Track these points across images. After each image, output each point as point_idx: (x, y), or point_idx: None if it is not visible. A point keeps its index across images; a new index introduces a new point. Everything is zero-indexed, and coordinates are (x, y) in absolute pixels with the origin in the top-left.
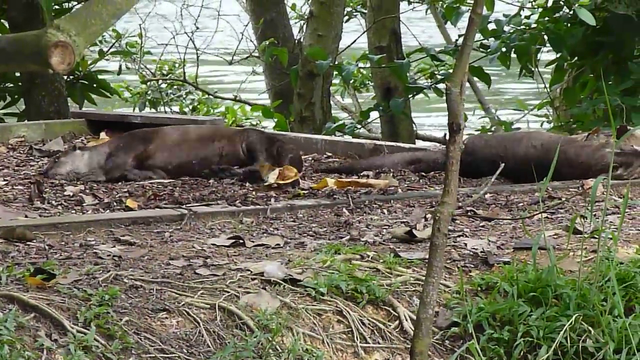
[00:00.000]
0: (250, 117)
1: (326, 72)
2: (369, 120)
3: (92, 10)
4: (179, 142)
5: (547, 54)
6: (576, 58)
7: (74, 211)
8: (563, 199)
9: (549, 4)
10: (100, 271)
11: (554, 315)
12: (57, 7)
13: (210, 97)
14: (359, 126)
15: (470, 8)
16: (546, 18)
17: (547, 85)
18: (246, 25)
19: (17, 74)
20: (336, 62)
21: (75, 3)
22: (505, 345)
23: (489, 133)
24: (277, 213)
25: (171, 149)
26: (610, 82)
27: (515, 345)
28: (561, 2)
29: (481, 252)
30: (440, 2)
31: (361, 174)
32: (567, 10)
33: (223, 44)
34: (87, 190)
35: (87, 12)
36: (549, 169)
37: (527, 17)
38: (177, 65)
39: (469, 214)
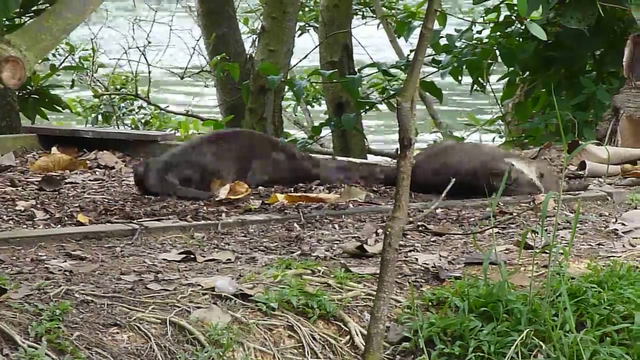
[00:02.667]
0: (202, 132)
1: (278, 87)
2: (321, 135)
3: (42, 25)
4: None
5: (499, 69)
6: (528, 73)
7: (25, 226)
8: (514, 214)
9: (501, 18)
10: (52, 286)
11: (505, 330)
12: (8, 22)
13: (163, 111)
14: (311, 141)
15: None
16: (498, 33)
17: (499, 100)
18: (198, 40)
19: None
20: (288, 77)
21: (27, 18)
22: None
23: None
24: (228, 228)
25: None
26: (562, 97)
27: None
28: (513, 17)
29: (432, 267)
30: (393, 17)
31: None
32: (519, 25)
33: (175, 59)
34: (39, 205)
35: (37, 27)
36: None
37: (479, 32)
38: (129, 79)
39: (420, 228)
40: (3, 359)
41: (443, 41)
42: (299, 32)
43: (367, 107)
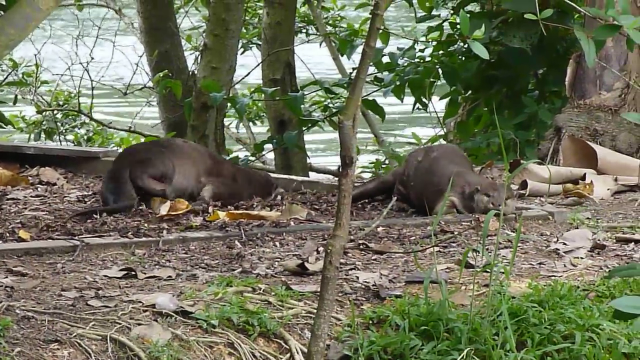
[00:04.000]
0: None
1: (220, 104)
2: (263, 152)
3: None
4: None
5: (442, 87)
6: (470, 92)
7: None
8: (455, 233)
9: (443, 37)
10: None
11: (445, 349)
12: None
13: (105, 127)
14: (253, 158)
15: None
16: (440, 52)
17: (441, 119)
18: (140, 57)
19: None
20: (230, 95)
21: None
22: None
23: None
24: (169, 245)
25: None
26: (504, 116)
27: None
28: (455, 36)
29: (373, 285)
30: (335, 35)
31: None
32: (461, 44)
33: (118, 75)
34: None
35: None
36: None
37: (422, 51)
38: (72, 95)
39: (361, 247)
40: None
41: (386, 59)
42: (242, 49)
43: (309, 125)
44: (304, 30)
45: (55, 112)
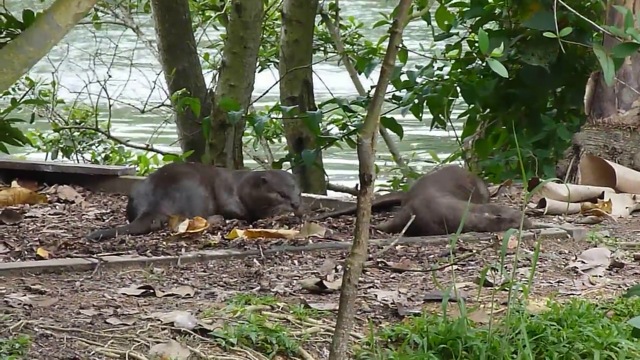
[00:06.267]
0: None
1: (238, 122)
2: None
3: (3, 59)
4: None
5: (460, 106)
6: (488, 110)
7: None
8: (474, 251)
9: (462, 55)
10: (11, 320)
11: None
12: None
13: (123, 145)
14: None
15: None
16: (459, 70)
17: (459, 137)
18: (158, 75)
19: None
20: (248, 113)
21: None
22: None
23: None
24: (187, 263)
25: None
26: (522, 134)
27: None
28: (474, 54)
29: (391, 303)
30: (353, 53)
31: None
32: (480, 62)
33: (136, 93)
34: None
35: None
36: None
37: (440, 69)
38: (89, 113)
39: (379, 265)
40: None
41: (404, 77)
42: (260, 67)
43: (327, 143)
44: (322, 48)
45: (73, 130)
